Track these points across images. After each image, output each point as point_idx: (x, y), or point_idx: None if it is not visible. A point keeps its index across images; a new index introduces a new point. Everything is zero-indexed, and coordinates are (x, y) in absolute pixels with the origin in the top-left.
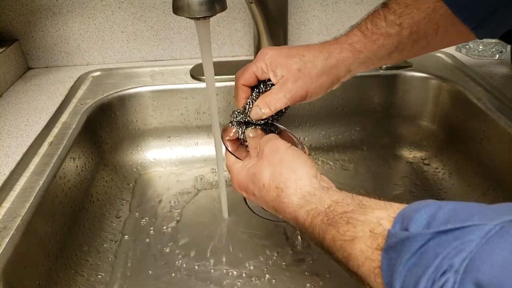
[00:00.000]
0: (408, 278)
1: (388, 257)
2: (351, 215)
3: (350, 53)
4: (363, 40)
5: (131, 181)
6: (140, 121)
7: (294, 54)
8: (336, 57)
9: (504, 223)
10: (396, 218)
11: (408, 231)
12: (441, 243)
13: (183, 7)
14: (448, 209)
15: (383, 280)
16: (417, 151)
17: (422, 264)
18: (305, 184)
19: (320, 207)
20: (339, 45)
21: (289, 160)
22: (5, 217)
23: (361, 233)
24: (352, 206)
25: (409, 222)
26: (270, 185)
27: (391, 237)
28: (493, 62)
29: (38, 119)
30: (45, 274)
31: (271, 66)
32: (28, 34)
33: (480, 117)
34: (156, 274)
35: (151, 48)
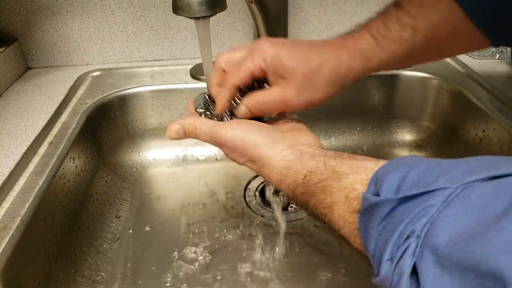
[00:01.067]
0: (378, 242)
1: (364, 219)
2: (326, 183)
3: (360, 62)
4: (374, 48)
5: (131, 181)
6: (140, 121)
7: (301, 56)
8: (346, 66)
9: (465, 184)
10: (370, 181)
11: (379, 195)
12: (406, 209)
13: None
14: (418, 171)
15: (362, 241)
16: (417, 151)
17: (389, 229)
18: (276, 160)
19: (297, 179)
20: (349, 51)
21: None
22: (4, 217)
23: (337, 198)
24: (325, 174)
25: (380, 185)
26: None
27: (364, 201)
28: (494, 62)
29: (37, 119)
30: (45, 274)
31: (272, 67)
32: (28, 34)
33: (480, 117)
34: (156, 274)
35: (151, 48)
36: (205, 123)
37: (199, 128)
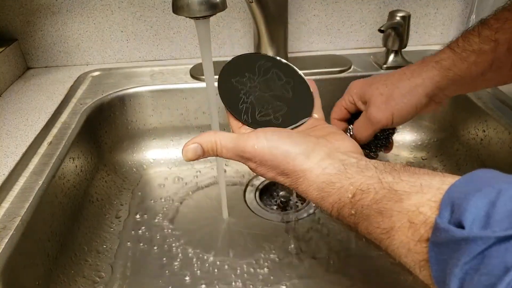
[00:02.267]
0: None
1: (438, 251)
2: (382, 205)
3: (437, 70)
4: (451, 57)
5: (131, 181)
6: (139, 121)
7: (378, 80)
8: (422, 75)
9: None
10: (443, 204)
11: (464, 228)
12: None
13: (183, 7)
14: (509, 196)
15: (432, 274)
16: (417, 151)
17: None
18: (315, 173)
19: (344, 197)
20: (425, 63)
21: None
22: (4, 217)
23: (399, 223)
24: (380, 193)
25: (462, 213)
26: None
27: (441, 232)
28: None
29: (37, 119)
30: (45, 274)
31: (357, 96)
32: (28, 33)
33: (480, 117)
34: (156, 274)
35: (150, 47)
36: (226, 137)
37: (220, 144)
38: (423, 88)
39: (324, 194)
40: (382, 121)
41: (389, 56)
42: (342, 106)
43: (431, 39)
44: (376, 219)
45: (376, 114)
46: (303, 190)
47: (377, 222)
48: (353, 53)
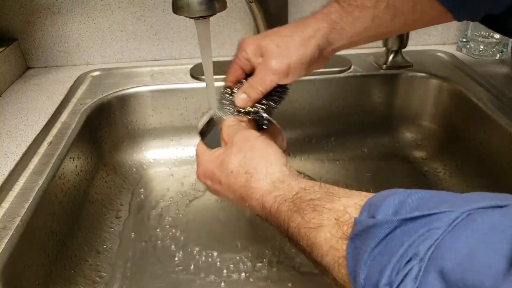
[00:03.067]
0: (372, 267)
1: (353, 245)
2: (318, 203)
3: (326, 23)
4: (339, 11)
5: (131, 181)
6: (139, 121)
7: (271, 33)
8: (313, 27)
9: (471, 210)
10: (364, 206)
11: (375, 218)
12: (407, 231)
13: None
14: (417, 196)
15: (348, 270)
16: (417, 151)
17: (388, 252)
18: (275, 170)
19: (288, 193)
20: (315, 16)
21: (260, 147)
22: (4, 217)
23: (327, 221)
24: (319, 193)
25: (376, 209)
26: (239, 171)
27: (357, 225)
28: (494, 62)
29: (37, 119)
30: (45, 274)
31: (252, 51)
32: (28, 33)
33: (480, 117)
34: (156, 274)
35: (150, 47)
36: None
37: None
38: (315, 39)
39: (273, 187)
40: (280, 71)
41: (389, 56)
42: (237, 65)
43: (431, 39)
44: (310, 214)
45: (275, 65)
46: (256, 179)
47: (309, 218)
48: (353, 53)
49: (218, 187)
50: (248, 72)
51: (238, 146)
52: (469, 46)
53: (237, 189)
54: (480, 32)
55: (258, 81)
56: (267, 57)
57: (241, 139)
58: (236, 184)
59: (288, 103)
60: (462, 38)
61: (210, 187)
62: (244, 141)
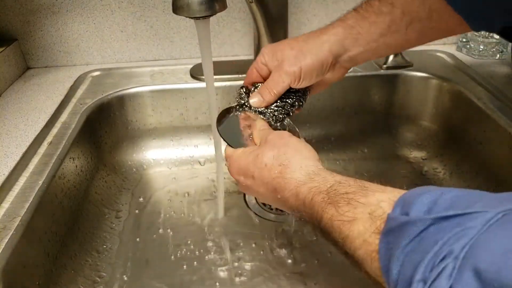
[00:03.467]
0: (406, 264)
1: (386, 241)
2: (352, 196)
3: (341, 28)
4: (355, 17)
5: (131, 181)
6: (139, 121)
7: (290, 39)
8: (328, 33)
9: (506, 211)
10: (397, 202)
11: (408, 215)
12: (441, 229)
13: (183, 7)
14: (451, 195)
15: (380, 264)
16: (417, 151)
17: (421, 249)
18: (310, 163)
19: (323, 185)
20: (333, 23)
21: (294, 143)
22: (4, 217)
23: (361, 214)
24: (354, 187)
25: (410, 206)
26: (273, 164)
27: (391, 221)
28: (494, 62)
29: (37, 119)
30: (45, 274)
31: (269, 56)
32: (28, 33)
33: (480, 117)
34: (155, 274)
35: (150, 47)
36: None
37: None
38: (328, 44)
39: (308, 179)
40: (292, 73)
41: (389, 56)
42: (255, 69)
43: None
44: (344, 207)
45: (287, 67)
46: (291, 170)
47: (344, 210)
48: None
49: (250, 182)
50: (265, 76)
51: (272, 143)
52: (469, 46)
53: (270, 181)
54: (480, 32)
55: (272, 83)
56: (282, 61)
57: (275, 137)
58: (270, 176)
59: None
60: (462, 38)
61: (243, 183)
62: (278, 139)
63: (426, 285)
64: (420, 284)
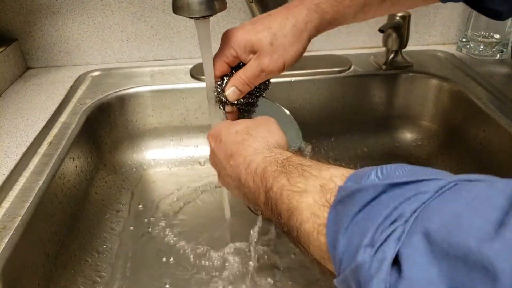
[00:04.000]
0: (354, 233)
1: (335, 212)
2: (306, 169)
3: (317, 14)
4: (329, 1)
5: (131, 181)
6: (139, 121)
7: (261, 28)
8: (304, 19)
9: (459, 181)
10: (349, 176)
11: (360, 184)
12: (393, 196)
13: (183, 7)
14: (405, 169)
15: (327, 239)
16: (417, 151)
17: (371, 217)
18: (274, 139)
19: (279, 156)
20: (305, 6)
21: (271, 124)
22: (4, 217)
23: (312, 187)
24: (309, 162)
25: (362, 178)
26: (242, 131)
27: (341, 192)
28: (494, 62)
29: (37, 119)
30: (45, 274)
31: (242, 49)
32: (28, 33)
33: (480, 117)
34: (156, 274)
35: (151, 48)
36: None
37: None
38: (307, 33)
39: (266, 150)
40: (276, 70)
41: (389, 56)
42: (223, 61)
43: (431, 39)
44: (296, 178)
45: (271, 64)
46: (249, 143)
47: (295, 181)
48: (353, 53)
49: (216, 146)
50: (234, 66)
51: (253, 119)
52: (469, 46)
53: (230, 146)
54: (480, 32)
55: (251, 76)
56: (260, 55)
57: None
58: (232, 141)
59: (288, 102)
60: (462, 38)
61: (211, 145)
62: (261, 118)
63: (374, 248)
64: (368, 249)
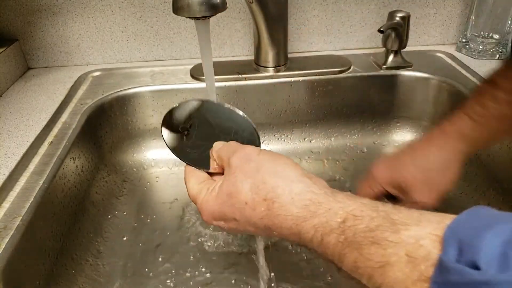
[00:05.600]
0: None
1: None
2: (378, 234)
3: (464, 143)
4: (471, 126)
5: (131, 181)
6: (140, 121)
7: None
8: (450, 150)
9: None
10: (447, 240)
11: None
12: None
13: (183, 7)
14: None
15: None
16: None
17: None
18: (300, 187)
19: (331, 221)
20: (448, 135)
21: (269, 165)
22: (5, 217)
23: (395, 257)
24: (376, 220)
25: (474, 253)
26: (255, 200)
27: (453, 273)
28: (494, 62)
29: (38, 119)
30: (45, 274)
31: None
32: (28, 34)
33: None
34: (156, 274)
35: (151, 48)
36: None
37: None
38: (457, 163)
39: (307, 213)
40: (431, 203)
41: (389, 57)
42: (371, 194)
43: (430, 39)
44: (368, 250)
45: (424, 199)
46: (282, 204)
47: (370, 253)
48: (353, 53)
49: (234, 225)
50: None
51: (241, 170)
52: (469, 46)
53: (258, 222)
54: (480, 32)
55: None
56: (410, 192)
57: (241, 161)
58: (256, 216)
59: (288, 103)
60: (462, 39)
61: (225, 227)
62: (246, 162)
63: None
64: None
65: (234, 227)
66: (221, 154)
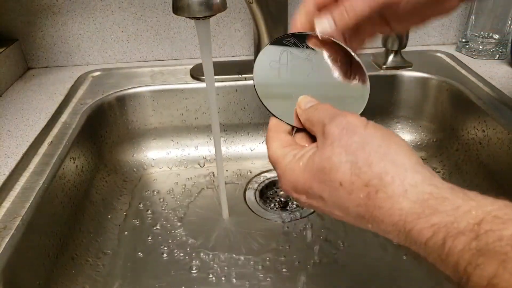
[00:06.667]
0: None
1: None
2: None
3: None
4: None
5: (131, 181)
6: (140, 121)
7: None
8: None
9: None
10: None
11: None
12: None
13: (183, 7)
14: None
15: None
16: (417, 151)
17: None
18: (417, 178)
19: (462, 221)
20: None
21: (377, 143)
22: (5, 217)
23: None
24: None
25: None
26: (354, 183)
27: None
28: (494, 62)
29: (38, 119)
30: (45, 274)
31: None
32: (28, 34)
33: (480, 117)
34: (156, 274)
35: (151, 48)
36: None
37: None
38: None
39: (425, 209)
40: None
41: (389, 56)
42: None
43: (430, 39)
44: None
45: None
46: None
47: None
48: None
49: (318, 204)
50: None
51: (341, 144)
52: (469, 46)
53: (352, 209)
54: (480, 32)
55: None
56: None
57: (341, 132)
58: (351, 201)
59: None
60: (462, 38)
61: (305, 203)
62: (348, 135)
63: None
64: None
65: (317, 206)
66: (313, 117)
